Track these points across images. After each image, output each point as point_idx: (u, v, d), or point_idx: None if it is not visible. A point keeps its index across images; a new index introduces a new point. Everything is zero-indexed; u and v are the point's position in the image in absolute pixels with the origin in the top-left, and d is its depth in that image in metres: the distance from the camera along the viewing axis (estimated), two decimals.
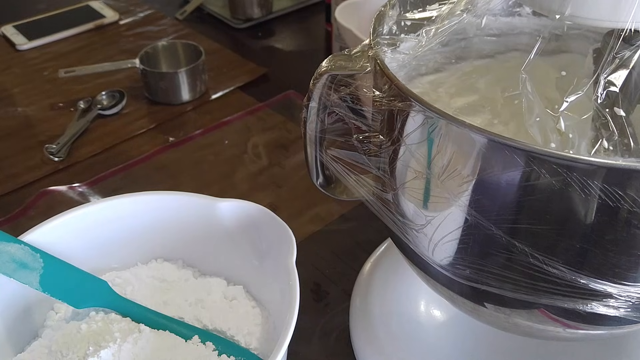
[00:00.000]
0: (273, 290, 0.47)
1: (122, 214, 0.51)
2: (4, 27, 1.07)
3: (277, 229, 0.46)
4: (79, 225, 0.49)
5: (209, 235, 0.51)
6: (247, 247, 0.50)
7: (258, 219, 0.48)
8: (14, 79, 0.95)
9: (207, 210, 0.49)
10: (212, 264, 0.53)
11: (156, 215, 0.51)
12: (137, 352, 0.45)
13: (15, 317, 0.47)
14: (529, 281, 0.35)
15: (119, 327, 0.46)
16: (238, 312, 0.49)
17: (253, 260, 0.50)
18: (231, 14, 1.10)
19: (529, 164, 0.31)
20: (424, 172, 0.36)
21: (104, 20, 1.05)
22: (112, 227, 0.51)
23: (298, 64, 1.00)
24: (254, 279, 0.51)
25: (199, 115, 0.87)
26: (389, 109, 0.37)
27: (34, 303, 0.48)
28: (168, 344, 0.46)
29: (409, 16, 0.44)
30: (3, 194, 0.73)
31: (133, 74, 0.90)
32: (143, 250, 0.53)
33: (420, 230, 0.39)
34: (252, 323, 0.48)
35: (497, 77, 0.47)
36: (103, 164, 0.77)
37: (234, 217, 0.49)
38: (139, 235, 0.52)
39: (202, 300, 0.50)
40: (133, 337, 0.45)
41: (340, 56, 0.43)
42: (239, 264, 0.51)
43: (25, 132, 0.84)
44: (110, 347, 0.44)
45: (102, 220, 0.50)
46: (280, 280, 0.44)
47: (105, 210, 0.50)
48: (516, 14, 0.48)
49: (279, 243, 0.46)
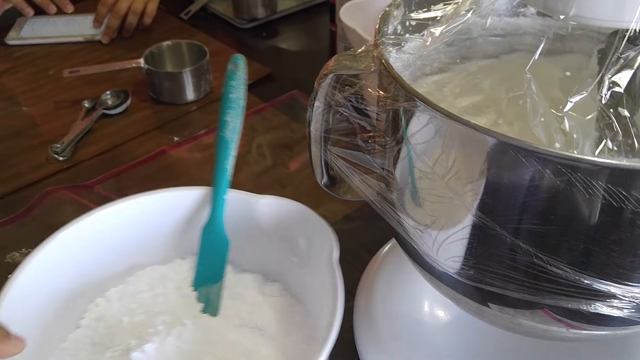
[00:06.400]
0: (312, 288, 0.46)
1: (161, 209, 0.51)
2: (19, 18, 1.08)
3: (317, 226, 0.46)
4: (117, 221, 0.50)
5: (247, 232, 0.51)
6: (285, 244, 0.50)
7: (298, 216, 0.47)
8: (18, 79, 0.96)
9: (246, 206, 0.49)
10: (249, 260, 0.53)
11: (194, 211, 0.51)
12: (180, 346, 0.45)
13: (58, 308, 0.47)
14: (533, 281, 0.35)
15: (163, 319, 0.47)
16: (275, 308, 0.49)
17: (292, 258, 0.50)
18: (236, 14, 1.10)
19: (534, 164, 0.31)
20: (428, 172, 0.36)
21: (95, 36, 1.05)
22: (150, 222, 0.51)
23: (302, 64, 1.01)
24: (292, 277, 0.50)
25: (203, 115, 0.87)
26: (393, 109, 0.37)
27: (76, 295, 0.49)
28: (210, 338, 0.46)
29: (414, 16, 0.44)
30: (7, 193, 0.73)
31: (138, 74, 0.91)
32: (181, 246, 0.53)
33: (424, 231, 0.39)
34: (291, 321, 0.48)
35: (501, 78, 0.47)
36: (107, 164, 0.77)
37: (272, 214, 0.49)
38: (178, 231, 0.52)
39: (241, 294, 0.50)
40: (177, 330, 0.46)
41: (345, 56, 0.43)
42: (276, 261, 0.51)
43: (30, 132, 0.84)
44: (154, 341, 0.45)
45: (139, 216, 0.50)
46: (321, 277, 0.43)
47: (144, 205, 0.50)
48: (520, 14, 0.48)
49: (319, 241, 0.46)
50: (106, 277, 0.51)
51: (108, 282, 0.51)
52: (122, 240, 0.51)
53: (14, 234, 0.67)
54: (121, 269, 0.52)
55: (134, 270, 0.53)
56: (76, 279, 0.49)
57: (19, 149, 0.81)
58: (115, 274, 0.52)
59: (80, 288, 0.48)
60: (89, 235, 0.48)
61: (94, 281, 0.50)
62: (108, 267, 0.51)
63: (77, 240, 0.48)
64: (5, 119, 0.86)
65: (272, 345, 0.47)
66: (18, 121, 0.86)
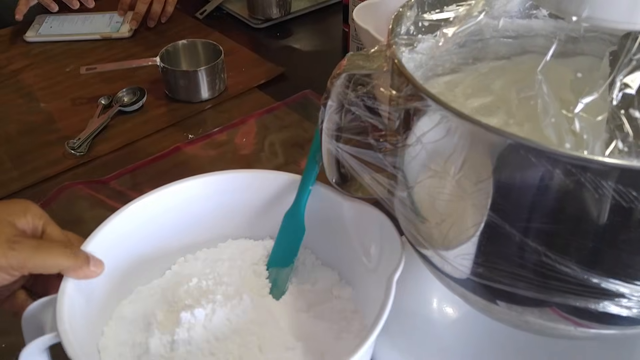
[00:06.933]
0: (371, 300, 0.47)
1: (251, 187, 0.55)
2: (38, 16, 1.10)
3: (391, 240, 0.47)
4: (207, 191, 0.54)
5: (326, 225, 0.53)
6: (358, 245, 0.51)
7: (375, 222, 0.49)
8: (36, 76, 0.97)
9: (329, 201, 0.52)
10: (328, 254, 0.55)
11: (280, 194, 0.54)
12: (230, 318, 0.48)
13: (149, 258, 0.53)
14: (541, 279, 0.36)
15: (224, 290, 0.49)
16: (336, 310, 0.50)
17: (363, 258, 0.51)
18: (250, 14, 1.11)
19: (544, 164, 0.31)
20: (439, 170, 0.37)
21: (112, 34, 1.07)
22: (238, 197, 0.55)
23: (315, 64, 1.01)
24: (361, 283, 0.52)
25: (217, 113, 0.88)
26: (405, 108, 0.37)
27: (169, 250, 0.55)
28: (261, 319, 0.48)
29: (427, 17, 0.45)
30: (24, 188, 0.75)
31: (154, 72, 0.92)
32: (269, 225, 0.55)
33: (434, 228, 0.40)
34: (346, 328, 0.49)
35: (512, 79, 0.47)
36: (123, 160, 0.78)
37: (352, 215, 0.51)
38: (265, 210, 0.55)
39: (310, 286, 0.52)
40: (232, 303, 0.48)
41: (358, 56, 0.43)
42: (350, 262, 0.52)
43: (47, 128, 0.85)
44: (207, 308, 0.47)
45: (228, 190, 0.55)
46: (378, 289, 0.44)
47: (234, 180, 0.54)
48: (532, 16, 0.48)
49: (389, 253, 0.47)
50: (200, 241, 0.56)
51: (201, 245, 0.56)
52: (214, 210, 0.55)
53: None
54: (212, 236, 0.56)
55: (226, 239, 0.57)
56: (170, 237, 0.55)
57: (37, 144, 0.82)
58: (207, 239, 0.56)
59: (173, 245, 0.55)
60: (143, 216, 0.52)
61: (185, 242, 0.56)
62: (200, 232, 0.56)
63: (178, 201, 0.54)
64: (23, 115, 0.88)
65: (316, 346, 0.48)
66: (36, 117, 0.87)
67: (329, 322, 0.50)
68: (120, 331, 0.49)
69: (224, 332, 0.47)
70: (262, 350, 0.46)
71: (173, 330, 0.46)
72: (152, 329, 0.47)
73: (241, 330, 0.47)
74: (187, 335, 0.46)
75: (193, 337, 0.46)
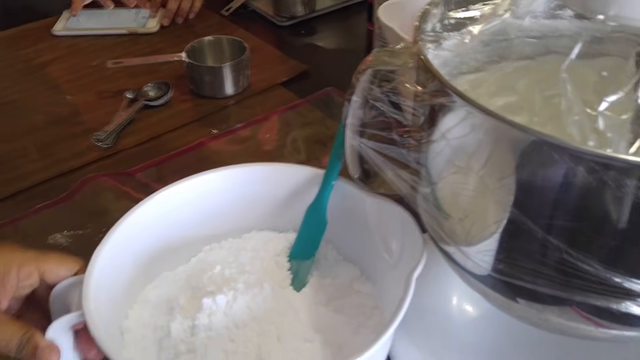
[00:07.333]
0: (390, 296, 0.48)
1: (274, 180, 0.56)
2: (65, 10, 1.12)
3: (412, 237, 0.47)
4: (231, 183, 0.56)
5: (348, 220, 0.54)
6: (379, 241, 0.51)
7: (398, 220, 0.49)
8: (63, 69, 0.99)
9: (351, 197, 0.52)
10: (350, 249, 0.55)
11: (303, 188, 0.55)
12: (251, 306, 0.49)
13: (174, 246, 0.55)
14: (563, 277, 0.36)
15: (245, 278, 0.50)
16: (355, 305, 0.51)
17: (384, 254, 0.51)
18: (275, 12, 1.12)
19: (567, 162, 0.31)
20: (462, 166, 0.37)
21: (138, 29, 1.08)
22: (261, 190, 0.56)
23: (338, 62, 1.02)
24: (382, 279, 0.52)
25: (241, 108, 0.89)
26: (430, 104, 0.38)
27: (196, 239, 0.56)
28: (281, 309, 0.49)
29: (453, 15, 0.45)
30: (50, 178, 0.76)
31: (179, 67, 0.93)
32: (293, 218, 0.56)
33: (457, 224, 0.40)
34: (365, 323, 0.49)
35: (536, 79, 0.47)
36: (148, 153, 0.79)
37: (374, 211, 0.51)
38: (287, 203, 0.56)
39: (331, 280, 0.53)
40: (253, 292, 0.49)
41: (384, 52, 0.44)
42: (371, 257, 0.53)
43: (73, 120, 0.87)
44: (228, 295, 0.48)
45: (254, 182, 0.56)
46: (399, 285, 0.45)
47: (258, 173, 0.56)
48: (558, 16, 0.48)
49: (410, 250, 0.47)
50: (225, 231, 0.57)
51: (227, 235, 0.58)
52: (237, 202, 0.56)
53: (56, 217, 0.70)
54: (237, 226, 0.58)
55: (250, 230, 0.58)
56: (196, 226, 0.56)
57: (62, 136, 0.83)
58: (232, 229, 0.58)
59: (199, 234, 0.56)
60: (166, 207, 0.54)
61: (210, 232, 0.57)
62: (224, 222, 0.57)
63: (204, 191, 0.55)
64: (49, 107, 0.89)
65: (334, 339, 0.48)
66: (62, 109, 0.89)
67: (348, 317, 0.50)
68: (143, 314, 0.50)
69: (244, 319, 0.48)
70: (280, 340, 0.47)
71: (194, 315, 0.47)
72: (174, 314, 0.49)
73: (260, 318, 0.48)
74: (207, 321, 0.47)
75: (213, 323, 0.47)
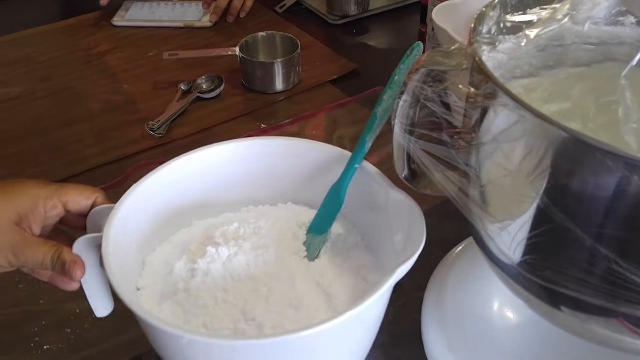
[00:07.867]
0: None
1: (300, 154, 0.58)
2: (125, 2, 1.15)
3: (418, 232, 0.48)
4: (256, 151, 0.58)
5: (365, 206, 0.55)
6: (392, 235, 0.52)
7: (408, 213, 0.50)
8: (120, 58, 1.02)
9: (371, 184, 0.53)
10: (364, 236, 0.56)
11: (330, 166, 0.56)
12: (249, 264, 0.51)
13: (194, 211, 0.58)
14: (610, 288, 0.35)
15: (256, 240, 0.53)
16: (359, 294, 0.51)
17: (393, 244, 0.52)
18: (328, 10, 1.13)
19: (621, 169, 0.31)
20: (512, 170, 0.37)
21: (194, 22, 1.10)
22: (286, 163, 0.58)
23: (389, 62, 1.00)
24: (389, 264, 0.51)
25: (290, 104, 0.90)
26: (483, 106, 0.37)
27: (216, 207, 0.59)
28: (278, 274, 0.50)
29: (509, 18, 0.45)
30: (104, 163, 0.79)
31: (232, 62, 0.94)
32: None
33: (503, 228, 0.40)
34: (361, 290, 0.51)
35: (591, 87, 0.46)
36: (198, 144, 0.79)
37: (390, 200, 0.52)
38: (314, 179, 0.58)
39: (339, 263, 0.54)
40: (257, 252, 0.51)
41: (438, 52, 0.44)
42: (382, 247, 0.53)
43: (129, 108, 0.89)
44: (229, 249, 0.51)
45: (279, 153, 0.58)
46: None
47: (284, 146, 0.58)
48: (619, 23, 0.47)
49: (413, 244, 0.48)
50: (256, 198, 0.60)
51: (257, 202, 0.60)
52: (266, 172, 0.59)
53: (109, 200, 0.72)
54: (265, 196, 0.60)
55: (277, 200, 0.60)
56: (233, 189, 0.59)
57: (118, 123, 0.86)
58: (264, 197, 0.60)
59: (238, 196, 0.59)
60: (189, 171, 0.58)
61: (244, 196, 0.60)
62: (254, 190, 0.60)
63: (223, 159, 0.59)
64: (106, 94, 0.92)
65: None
66: (118, 97, 0.92)
67: (341, 300, 0.50)
68: (164, 252, 0.55)
69: (240, 274, 0.50)
70: (267, 301, 0.48)
71: (196, 260, 0.51)
72: (183, 256, 0.53)
73: (256, 277, 0.50)
74: (206, 267, 0.50)
75: (211, 270, 0.50)
